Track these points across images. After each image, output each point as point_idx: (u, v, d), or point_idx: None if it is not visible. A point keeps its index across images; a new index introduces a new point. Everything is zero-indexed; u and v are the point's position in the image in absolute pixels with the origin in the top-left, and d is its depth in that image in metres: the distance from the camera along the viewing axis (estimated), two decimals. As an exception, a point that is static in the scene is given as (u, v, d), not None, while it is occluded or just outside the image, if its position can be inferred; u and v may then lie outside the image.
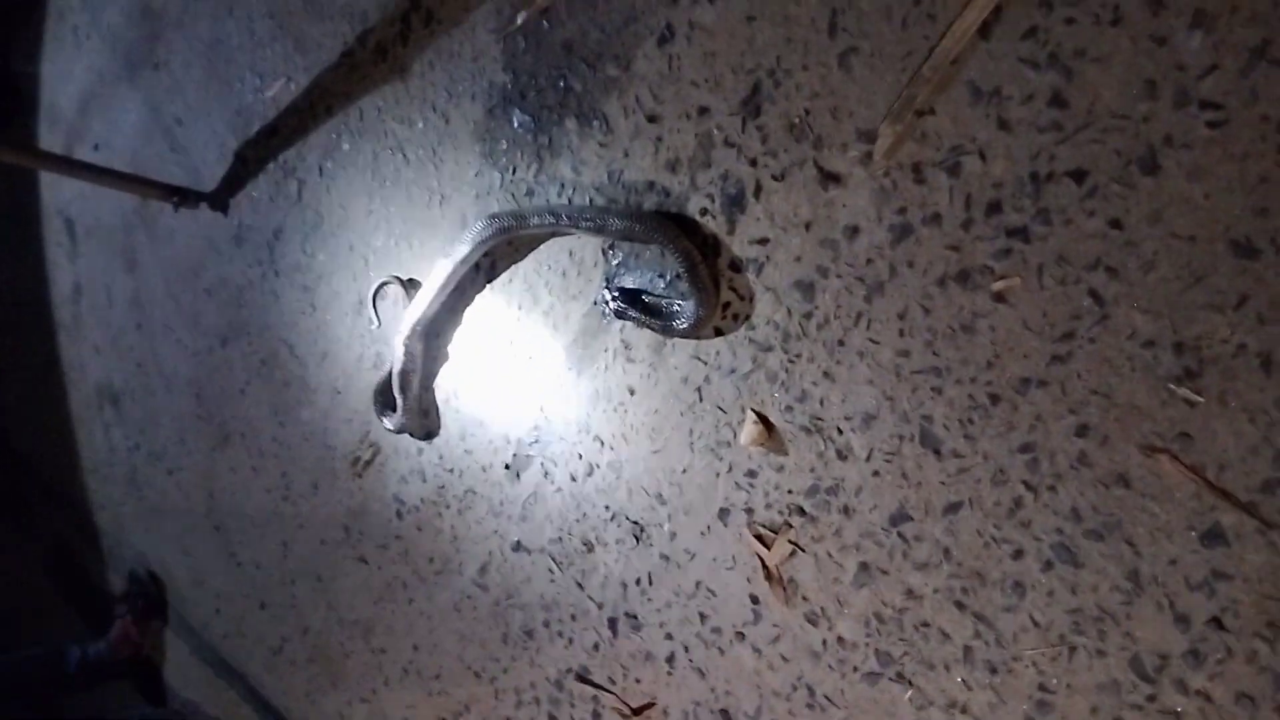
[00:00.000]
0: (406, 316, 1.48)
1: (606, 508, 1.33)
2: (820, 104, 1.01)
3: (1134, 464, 0.86)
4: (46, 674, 2.59)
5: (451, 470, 1.57)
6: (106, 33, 2.46)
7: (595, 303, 1.28)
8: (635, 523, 1.29)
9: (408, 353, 1.50)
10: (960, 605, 0.99)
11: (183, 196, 2.04)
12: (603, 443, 1.31)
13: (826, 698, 1.12)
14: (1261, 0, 0.75)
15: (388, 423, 1.63)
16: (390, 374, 1.56)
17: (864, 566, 1.06)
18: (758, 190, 1.08)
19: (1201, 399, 0.81)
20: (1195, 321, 0.81)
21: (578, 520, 1.37)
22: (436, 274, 1.42)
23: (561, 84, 1.26)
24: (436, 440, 1.59)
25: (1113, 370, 0.85)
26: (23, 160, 1.98)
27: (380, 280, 1.62)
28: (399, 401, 1.56)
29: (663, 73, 1.14)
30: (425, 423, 1.60)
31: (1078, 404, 0.88)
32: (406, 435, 1.64)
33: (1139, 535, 0.86)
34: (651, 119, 1.17)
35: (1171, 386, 0.82)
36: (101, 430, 2.83)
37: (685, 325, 1.14)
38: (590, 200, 1.26)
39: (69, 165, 2.00)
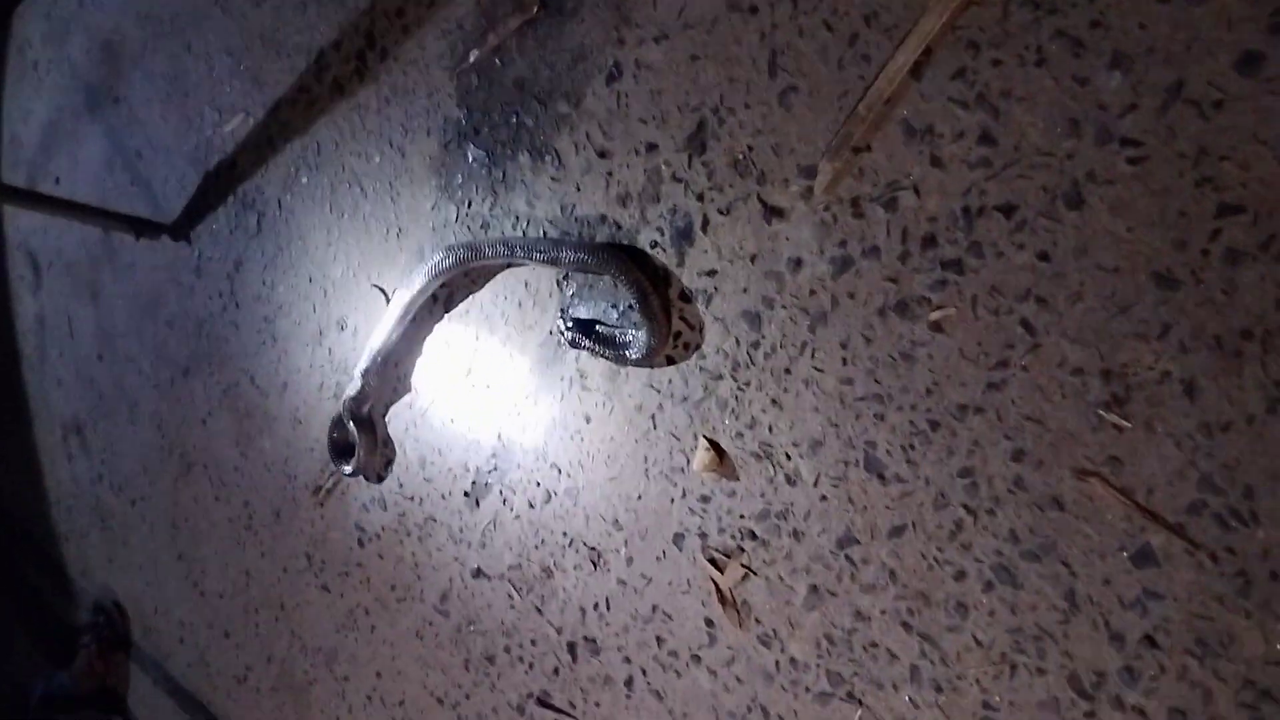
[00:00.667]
0: (366, 347, 1.49)
1: (564, 534, 1.34)
2: (762, 141, 1.04)
3: (1067, 487, 0.88)
4: (8, 709, 2.56)
5: (412, 498, 1.58)
6: (66, 68, 2.46)
7: (551, 333, 1.30)
8: (592, 548, 1.30)
9: (365, 383, 1.51)
10: (907, 626, 1.01)
11: (143, 228, 2.04)
12: (560, 470, 1.33)
13: (780, 718, 1.14)
14: (1175, 42, 0.78)
15: (345, 467, 1.64)
16: (341, 415, 1.57)
17: (814, 589, 1.08)
18: (705, 224, 1.10)
19: (1129, 424, 0.84)
20: (1121, 350, 0.84)
21: (536, 546, 1.38)
22: (394, 305, 1.43)
23: (514, 120, 1.29)
24: (396, 468, 1.60)
25: (1045, 397, 0.88)
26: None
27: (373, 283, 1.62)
28: (355, 437, 1.57)
29: (611, 110, 1.17)
30: (384, 453, 1.61)
31: (1013, 430, 0.91)
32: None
33: (1074, 556, 0.89)
34: (602, 154, 1.19)
35: (1101, 412, 0.85)
36: (65, 461, 2.81)
37: (638, 354, 1.16)
38: (544, 233, 1.28)
39: (30, 198, 2.00)
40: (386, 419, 1.59)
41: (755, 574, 1.13)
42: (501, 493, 1.42)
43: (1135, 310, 0.83)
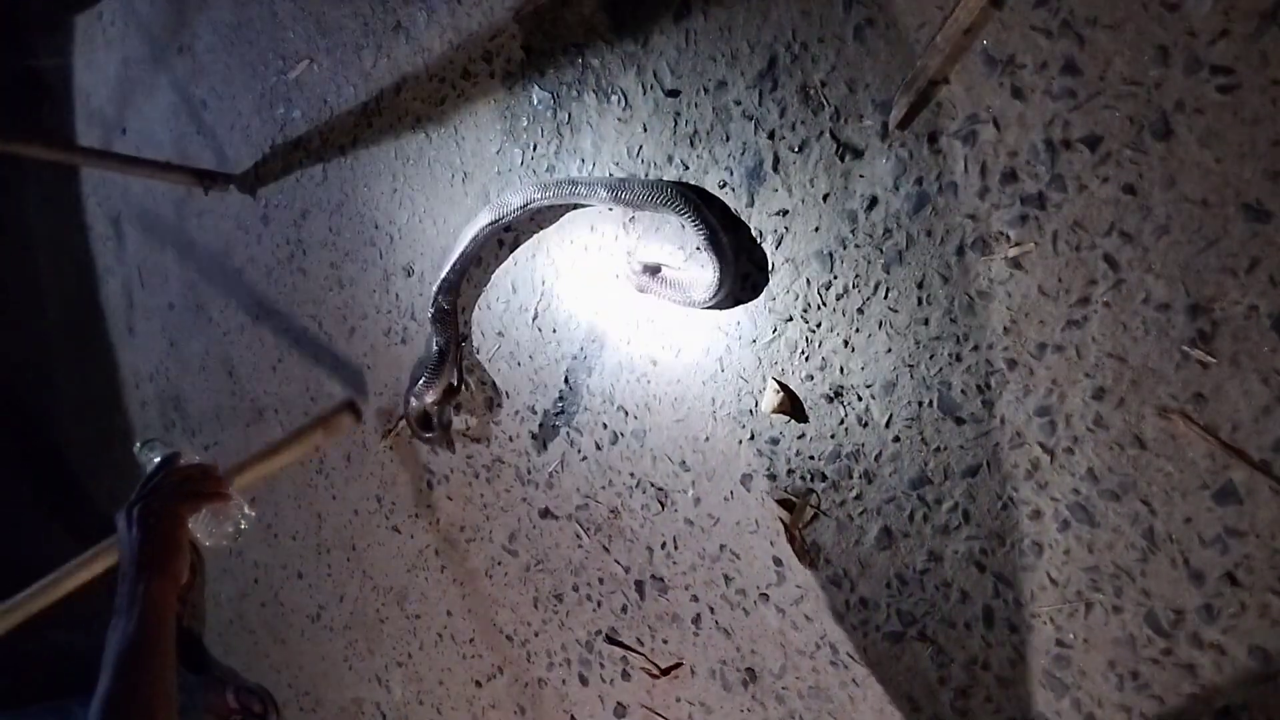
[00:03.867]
0: (435, 293, 1.51)
1: (631, 475, 1.36)
2: (836, 76, 1.02)
3: (1149, 425, 0.87)
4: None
5: (479, 440, 1.61)
6: (133, 18, 2.49)
7: (617, 276, 1.30)
8: (660, 489, 1.32)
9: (437, 326, 1.54)
10: (980, 566, 1.01)
11: (212, 180, 2.07)
12: (627, 412, 1.34)
13: (850, 656, 1.15)
14: (1272, -35, 0.76)
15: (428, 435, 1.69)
16: (420, 378, 1.61)
17: (885, 529, 1.08)
18: (776, 162, 1.09)
19: (1215, 360, 0.83)
20: (1208, 285, 0.82)
21: (603, 487, 1.40)
22: (460, 249, 1.44)
23: (580, 60, 1.28)
24: (463, 411, 1.63)
25: (1127, 334, 0.87)
26: (52, 155, 2.02)
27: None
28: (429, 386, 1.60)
29: (680, 47, 1.16)
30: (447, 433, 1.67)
31: (1093, 368, 0.89)
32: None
33: (1154, 495, 0.88)
34: (670, 93, 1.18)
35: (1185, 349, 0.84)
36: (138, 408, 2.89)
37: (706, 297, 1.15)
38: (610, 174, 1.28)
39: (98, 156, 2.04)
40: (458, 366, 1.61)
41: (825, 515, 1.14)
42: (568, 435, 1.44)
43: (1223, 243, 0.81)
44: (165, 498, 1.19)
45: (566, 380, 1.42)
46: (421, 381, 1.59)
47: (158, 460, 1.31)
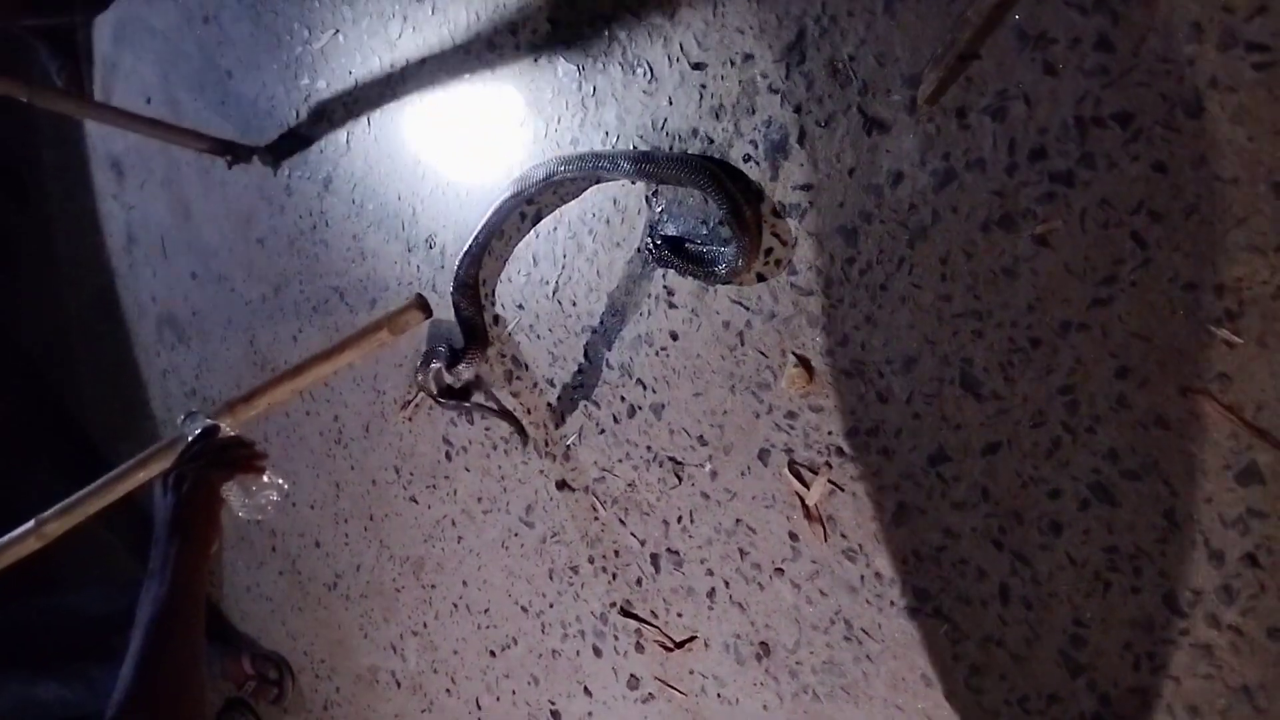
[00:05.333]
0: (458, 266, 1.51)
1: (648, 448, 1.36)
2: (865, 50, 1.01)
3: (1173, 405, 0.87)
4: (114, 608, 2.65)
5: (498, 411, 1.61)
6: (157, -14, 2.49)
7: (638, 250, 1.30)
8: (676, 462, 1.32)
9: (459, 299, 1.54)
10: (997, 544, 1.01)
11: (235, 153, 2.08)
12: (645, 386, 1.34)
13: (864, 631, 1.15)
14: (1312, -60, 0.75)
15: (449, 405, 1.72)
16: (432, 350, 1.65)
17: (902, 505, 1.09)
18: (801, 136, 1.09)
19: (1241, 340, 0.82)
20: (1236, 263, 0.82)
21: (620, 460, 1.41)
22: (482, 224, 1.45)
23: (606, 32, 1.28)
24: (484, 382, 1.63)
25: (1153, 313, 0.86)
26: (83, 112, 2.03)
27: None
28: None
29: (707, 20, 1.15)
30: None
31: (1118, 347, 0.89)
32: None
33: (1176, 474, 0.88)
34: (696, 66, 1.18)
35: (1211, 328, 0.84)
36: (158, 377, 2.91)
37: (727, 271, 1.16)
38: (634, 148, 1.27)
39: (127, 118, 2.04)
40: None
41: (842, 490, 1.14)
42: (586, 408, 1.44)
43: (1253, 222, 0.80)
44: (201, 466, 1.23)
45: (585, 353, 1.43)
46: (452, 353, 1.60)
47: (198, 431, 1.37)
